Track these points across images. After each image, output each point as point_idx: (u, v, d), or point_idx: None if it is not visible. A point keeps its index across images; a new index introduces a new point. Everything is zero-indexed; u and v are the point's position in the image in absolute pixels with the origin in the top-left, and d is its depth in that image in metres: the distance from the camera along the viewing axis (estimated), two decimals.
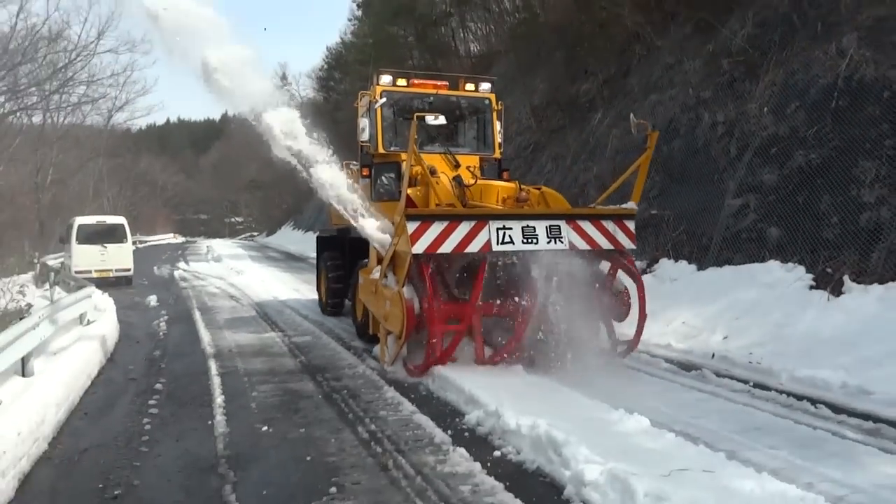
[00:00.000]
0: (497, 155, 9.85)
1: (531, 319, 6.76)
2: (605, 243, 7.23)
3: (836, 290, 8.29)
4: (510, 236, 6.75)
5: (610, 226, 7.29)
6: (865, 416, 5.54)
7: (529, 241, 6.80)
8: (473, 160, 9.43)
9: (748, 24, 13.20)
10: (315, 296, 14.80)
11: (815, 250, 9.00)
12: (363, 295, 8.43)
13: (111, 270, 18.10)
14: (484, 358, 6.89)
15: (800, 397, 6.07)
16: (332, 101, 44.66)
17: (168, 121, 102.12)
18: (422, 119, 7.11)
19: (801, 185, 9.76)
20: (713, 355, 7.71)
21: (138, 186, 58.28)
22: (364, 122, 9.33)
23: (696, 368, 7.20)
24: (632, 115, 7.54)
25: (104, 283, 15.77)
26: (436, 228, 6.59)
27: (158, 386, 6.95)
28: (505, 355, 6.88)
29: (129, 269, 18.72)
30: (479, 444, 4.88)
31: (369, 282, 7.97)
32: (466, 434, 5.14)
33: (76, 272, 16.55)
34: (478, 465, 4.43)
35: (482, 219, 6.80)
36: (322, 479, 4.31)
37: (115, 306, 11.36)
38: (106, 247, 18.21)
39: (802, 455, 4.59)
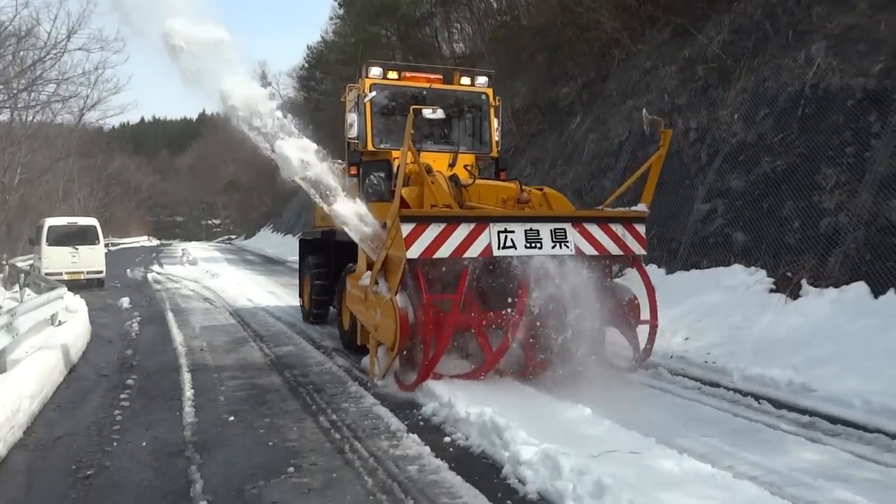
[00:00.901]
0: (494, 153, 9.61)
1: (519, 329, 6.41)
2: (613, 248, 7.00)
3: (794, 294, 8.90)
4: (512, 240, 6.50)
5: (619, 229, 7.08)
6: (804, 411, 6.11)
7: (533, 245, 6.55)
8: (469, 159, 9.17)
9: (724, 30, 13.87)
10: (291, 299, 15.34)
11: (778, 255, 9.62)
12: (351, 303, 8.16)
13: (83, 272, 18.50)
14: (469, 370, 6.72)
15: (746, 394, 6.64)
16: (313, 100, 45.19)
17: (143, 120, 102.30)
18: (419, 113, 6.68)
19: (767, 190, 10.39)
20: (671, 356, 8.29)
21: (111, 187, 58.45)
22: (352, 118, 9.08)
23: (654, 367, 7.77)
24: (644, 111, 7.40)
25: (76, 286, 16.19)
26: (432, 231, 6.29)
27: (130, 381, 7.43)
28: (485, 370, 6.62)
29: (101, 272, 19.13)
30: (431, 431, 5.41)
31: (358, 289, 7.67)
32: (421, 423, 5.67)
33: (47, 274, 16.95)
34: (427, 449, 4.97)
35: (482, 221, 6.52)
36: (282, 461, 4.83)
37: (87, 308, 11.82)
38: (77, 248, 18.63)
39: (732, 442, 5.14)
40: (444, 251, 6.30)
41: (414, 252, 6.22)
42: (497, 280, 6.77)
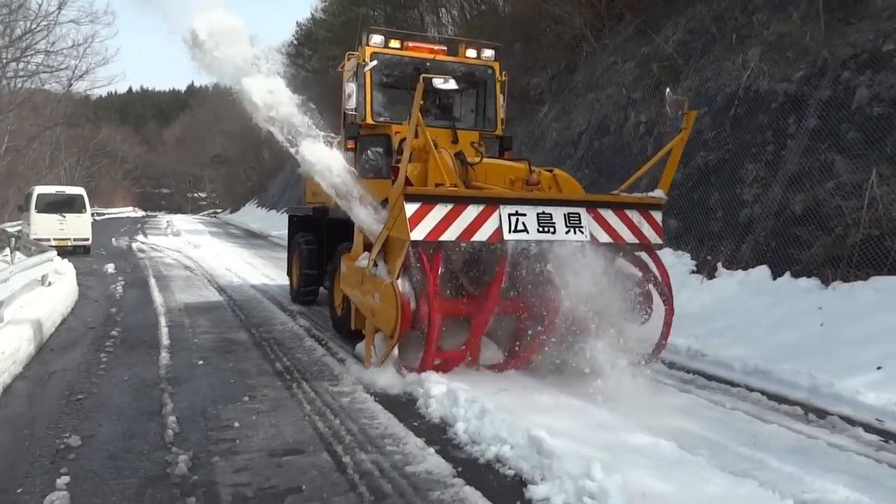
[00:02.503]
0: (499, 132, 9.24)
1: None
2: (629, 236, 6.65)
3: (711, 275, 10.09)
4: (524, 224, 6.14)
5: (635, 216, 6.74)
6: (689, 371, 7.27)
7: (546, 230, 6.20)
8: (472, 137, 8.75)
9: (679, 30, 14.95)
10: (268, 270, 16.40)
11: (703, 240, 10.80)
12: (346, 285, 7.69)
13: (69, 239, 19.44)
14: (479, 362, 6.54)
15: None
16: (302, 78, 45.85)
17: (130, 90, 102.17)
18: (429, 82, 6.19)
19: (699, 182, 11.54)
20: None
21: (97, 157, 58.97)
22: (350, 88, 8.55)
23: None
24: (668, 91, 7.01)
25: (62, 252, 17.10)
26: (438, 212, 5.92)
27: (114, 333, 8.50)
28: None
29: (87, 239, 20.08)
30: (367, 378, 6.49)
31: (354, 270, 7.23)
32: (370, 366, 6.71)
33: (35, 240, 17.88)
34: (360, 387, 6.10)
35: (492, 202, 6.15)
36: (240, 393, 5.94)
37: (75, 272, 12.81)
38: (65, 216, 19.56)
39: (615, 388, 6.27)
40: (450, 233, 5.94)
41: (419, 234, 5.85)
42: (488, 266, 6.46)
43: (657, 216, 6.95)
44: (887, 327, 7.17)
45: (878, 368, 6.61)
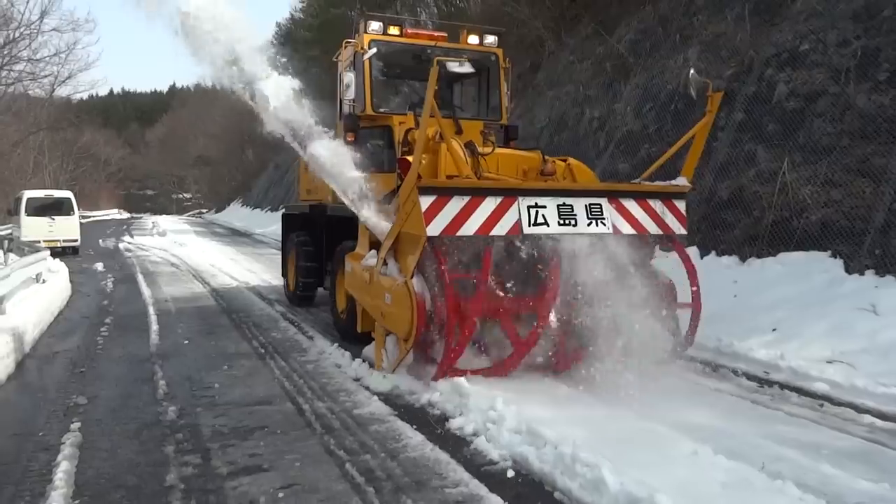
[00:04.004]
0: (504, 121, 9.01)
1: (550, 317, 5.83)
2: (652, 227, 6.38)
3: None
4: (544, 216, 5.83)
5: (658, 206, 6.46)
6: None
7: (567, 222, 5.89)
8: (477, 126, 8.26)
9: (631, 31, 16.02)
10: (250, 265, 17.37)
11: None
12: (351, 286, 7.29)
13: (59, 241, 20.32)
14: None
15: None
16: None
17: (112, 92, 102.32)
18: (443, 65, 5.83)
19: (642, 173, 12.60)
20: None
21: (80, 160, 59.54)
22: (349, 77, 8.16)
23: None
24: (692, 71, 6.76)
25: (52, 253, 18.00)
26: (455, 205, 5.59)
27: (107, 321, 9.48)
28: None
29: (76, 240, 20.98)
30: (334, 351, 7.44)
31: (361, 270, 6.83)
32: (335, 343, 7.69)
33: (26, 242, 18.76)
34: (324, 356, 7.13)
35: (510, 194, 5.83)
36: (220, 363, 6.96)
37: (67, 270, 13.73)
38: (54, 219, 20.46)
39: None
40: (468, 228, 5.60)
41: (435, 229, 5.51)
42: (520, 261, 6.06)
43: (681, 205, 6.67)
44: (786, 296, 8.27)
45: (773, 330, 7.69)
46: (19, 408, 5.60)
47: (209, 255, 20.12)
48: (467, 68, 6.39)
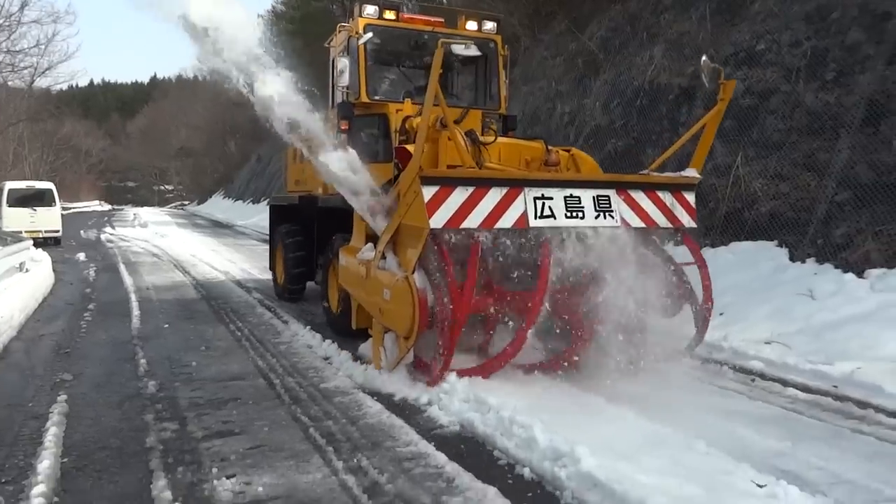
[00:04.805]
0: (502, 110, 8.80)
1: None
2: (661, 220, 6.17)
3: None
4: (550, 208, 5.61)
5: (667, 198, 6.25)
6: None
7: (574, 214, 5.68)
8: (475, 115, 8.13)
9: (602, 28, 16.53)
10: (231, 255, 17.75)
11: None
12: (346, 281, 7.08)
13: (40, 231, 20.59)
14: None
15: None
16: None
17: (92, 83, 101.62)
18: (448, 49, 5.55)
19: (609, 166, 13.08)
20: None
21: (61, 152, 59.33)
22: (343, 63, 7.99)
23: None
24: (704, 58, 6.46)
25: (34, 244, 18.29)
26: (459, 196, 5.39)
27: (91, 307, 9.87)
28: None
29: (57, 231, 21.26)
30: (306, 334, 7.88)
31: (356, 264, 6.59)
32: (308, 327, 8.12)
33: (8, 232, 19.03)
34: (296, 339, 7.58)
35: (516, 184, 5.62)
36: (198, 344, 7.40)
37: (49, 259, 14.07)
38: (35, 210, 20.73)
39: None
40: (472, 220, 5.40)
41: (438, 221, 5.31)
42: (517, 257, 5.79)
43: (690, 198, 6.47)
44: (735, 283, 8.81)
45: (721, 314, 8.22)
46: (9, 383, 6.00)
47: (190, 246, 20.47)
48: (473, 51, 6.04)
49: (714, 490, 3.52)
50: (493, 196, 5.49)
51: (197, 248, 20.10)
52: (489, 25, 8.70)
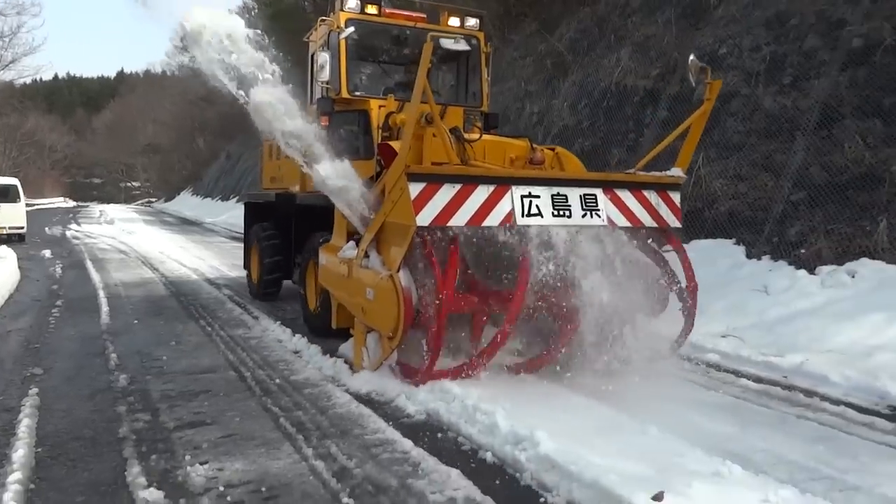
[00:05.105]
0: (485, 108, 8.72)
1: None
2: (647, 219, 6.14)
3: None
4: (538, 206, 5.56)
5: (653, 197, 6.23)
6: None
7: (561, 213, 5.63)
8: (456, 113, 8.08)
9: (571, 30, 16.83)
10: (201, 252, 17.72)
11: None
12: (327, 280, 7.02)
13: (4, 228, 20.34)
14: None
15: None
16: None
17: (56, 77, 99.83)
18: (438, 42, 5.52)
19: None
20: None
21: (24, 147, 58.35)
22: (324, 57, 7.76)
23: None
24: (692, 57, 6.37)
25: None
26: (445, 193, 5.33)
27: (58, 303, 9.87)
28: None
29: (22, 227, 21.00)
30: (276, 328, 8.02)
31: (337, 263, 6.53)
32: (278, 322, 8.24)
33: None
34: (267, 332, 7.71)
35: (503, 182, 5.57)
36: (169, 339, 7.49)
37: (15, 256, 13.96)
38: (0, 206, 20.42)
39: None
40: (459, 218, 5.34)
41: (424, 218, 5.24)
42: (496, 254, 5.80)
43: (675, 197, 6.46)
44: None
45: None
46: None
47: (158, 243, 20.38)
48: (463, 45, 6.05)
49: (664, 470, 3.74)
50: (481, 194, 5.44)
51: (165, 245, 20.02)
52: (472, 22, 8.66)
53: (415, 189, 5.25)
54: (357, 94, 8.04)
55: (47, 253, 16.98)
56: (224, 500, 3.67)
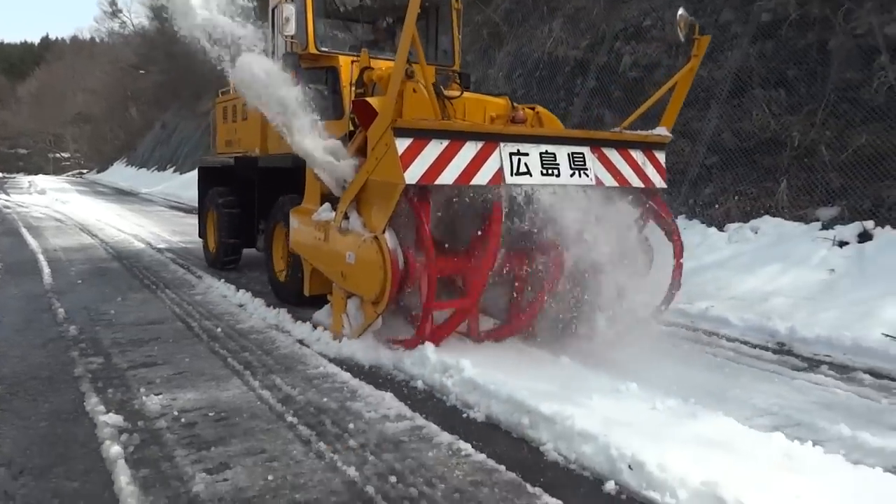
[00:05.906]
0: (457, 67, 8.42)
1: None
2: (633, 179, 6.04)
3: None
4: (526, 165, 5.37)
5: (639, 157, 6.13)
6: None
7: (549, 172, 5.46)
8: (429, 71, 7.31)
9: (507, 1, 17.26)
10: (140, 220, 17.66)
11: None
12: (299, 245, 6.74)
13: None
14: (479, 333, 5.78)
15: None
16: (169, 31, 45.29)
17: None
18: None
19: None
20: None
21: None
22: (290, 10, 7.26)
23: None
24: (681, 11, 6.06)
25: None
26: (433, 149, 5.09)
27: None
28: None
29: None
30: (225, 283, 8.33)
31: (311, 226, 6.31)
32: (222, 280, 8.51)
33: None
34: (211, 289, 8.03)
35: (492, 139, 5.33)
36: (114, 296, 7.74)
37: None
38: None
39: None
40: (447, 176, 5.12)
41: (413, 175, 5.01)
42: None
43: (661, 157, 6.40)
44: None
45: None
46: None
47: (95, 212, 20.18)
48: None
49: (568, 388, 4.32)
50: (469, 151, 5.20)
51: (102, 213, 19.85)
52: None
53: (402, 144, 5.01)
54: (324, 49, 7.62)
55: None
56: (179, 421, 4.07)
